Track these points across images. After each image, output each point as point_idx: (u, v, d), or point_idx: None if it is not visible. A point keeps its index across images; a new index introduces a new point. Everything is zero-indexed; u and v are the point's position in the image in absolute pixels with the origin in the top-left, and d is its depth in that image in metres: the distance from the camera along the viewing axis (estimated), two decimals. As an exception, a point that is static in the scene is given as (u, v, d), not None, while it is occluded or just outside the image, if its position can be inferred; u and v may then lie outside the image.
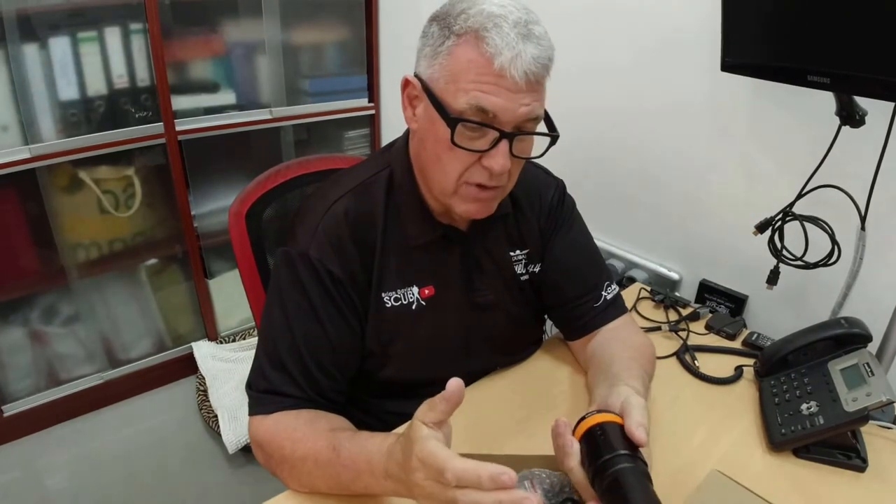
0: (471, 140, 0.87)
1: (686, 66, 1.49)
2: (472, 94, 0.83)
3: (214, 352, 2.35)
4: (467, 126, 0.85)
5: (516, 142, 0.87)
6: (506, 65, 0.81)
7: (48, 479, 1.96)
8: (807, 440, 0.98)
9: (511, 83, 0.82)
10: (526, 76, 0.82)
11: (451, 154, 0.88)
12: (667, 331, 1.35)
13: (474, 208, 0.94)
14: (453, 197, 0.93)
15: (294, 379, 0.94)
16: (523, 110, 0.84)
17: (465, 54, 0.83)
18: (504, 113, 0.84)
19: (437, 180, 0.93)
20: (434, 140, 0.90)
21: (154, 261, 2.29)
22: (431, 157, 0.92)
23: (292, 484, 0.89)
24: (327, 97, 2.41)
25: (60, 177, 1.96)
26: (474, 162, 0.89)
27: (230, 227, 1.25)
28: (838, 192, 1.21)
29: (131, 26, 1.93)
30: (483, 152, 0.87)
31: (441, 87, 0.87)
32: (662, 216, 1.67)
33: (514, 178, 0.95)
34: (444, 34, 0.86)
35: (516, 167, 0.93)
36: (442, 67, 0.86)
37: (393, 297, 1.01)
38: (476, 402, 1.11)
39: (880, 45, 0.97)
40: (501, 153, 0.86)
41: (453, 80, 0.85)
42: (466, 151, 0.87)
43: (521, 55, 0.81)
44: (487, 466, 0.62)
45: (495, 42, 0.81)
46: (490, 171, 0.87)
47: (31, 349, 2.10)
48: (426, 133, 0.92)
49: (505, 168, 0.87)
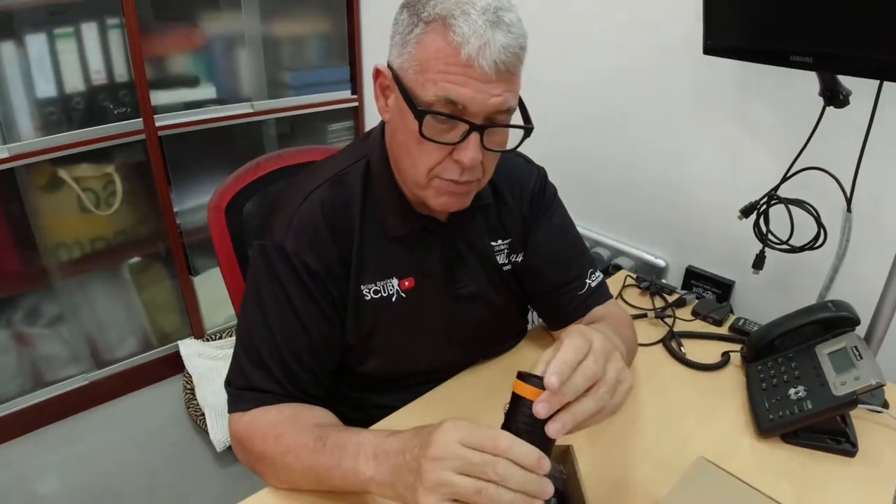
0: (441, 133, 0.84)
1: (668, 51, 1.48)
2: (440, 86, 0.80)
3: (201, 350, 2.34)
4: (436, 118, 0.82)
5: (488, 134, 0.84)
6: (473, 54, 0.78)
7: (36, 482, 1.94)
8: (795, 425, 0.97)
9: (480, 73, 0.79)
10: (496, 66, 0.79)
11: (421, 147, 0.86)
12: (653, 318, 1.34)
13: (449, 202, 0.91)
14: (426, 190, 0.91)
15: (272, 374, 0.92)
16: (494, 101, 0.81)
17: (433, 43, 0.81)
18: (473, 104, 0.81)
19: (409, 173, 0.91)
20: (404, 131, 0.88)
21: (137, 259, 2.27)
22: (402, 150, 0.90)
23: (271, 479, 0.88)
24: (309, 90, 2.39)
25: (40, 176, 1.94)
26: (445, 156, 0.86)
27: (210, 221, 1.23)
28: (823, 174, 1.20)
29: (108, 21, 1.90)
30: (453, 145, 0.84)
31: (410, 77, 0.84)
32: (647, 203, 1.66)
33: (489, 172, 0.93)
34: (412, 21, 0.83)
35: (490, 160, 0.90)
36: (411, 57, 0.83)
37: (372, 289, 1.00)
38: (460, 394, 1.10)
39: (863, 22, 0.96)
40: (472, 146, 0.83)
41: (422, 71, 0.82)
42: (436, 144, 0.84)
43: (490, 44, 0.78)
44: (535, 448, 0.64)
45: (462, 30, 0.78)
46: (461, 164, 0.85)
47: (15, 351, 2.08)
48: (397, 124, 0.90)
49: (475, 161, 0.84)
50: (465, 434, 0.66)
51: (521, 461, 0.63)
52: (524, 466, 0.63)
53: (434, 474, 0.65)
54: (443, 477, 0.64)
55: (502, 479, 0.62)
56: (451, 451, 0.65)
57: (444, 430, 0.67)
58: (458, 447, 0.65)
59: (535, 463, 0.63)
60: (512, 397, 0.68)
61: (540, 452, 0.64)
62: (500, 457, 0.63)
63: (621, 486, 0.91)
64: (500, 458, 0.63)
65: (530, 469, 0.63)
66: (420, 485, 0.66)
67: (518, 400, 0.67)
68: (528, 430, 0.66)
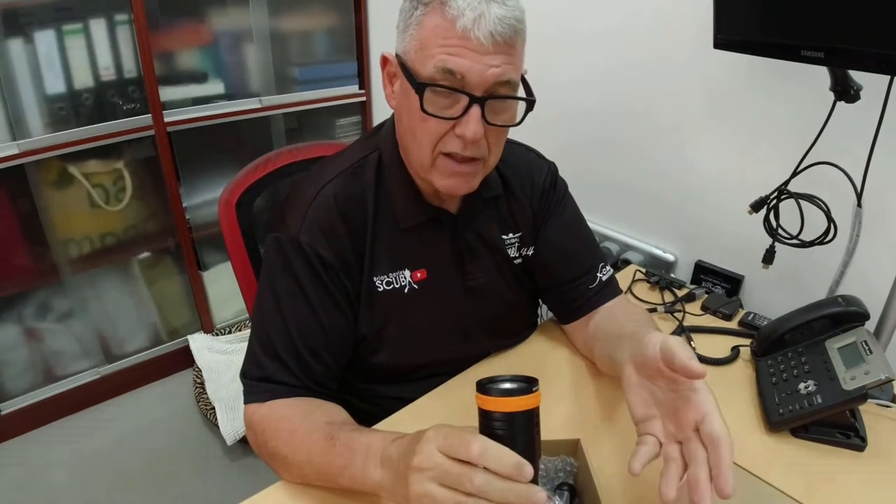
0: (442, 108, 0.85)
1: (678, 45, 1.48)
2: (438, 58, 0.82)
3: (210, 344, 2.35)
4: (437, 92, 0.84)
5: (489, 109, 0.85)
6: (469, 25, 0.79)
7: (48, 476, 1.96)
8: (805, 420, 0.97)
9: (476, 44, 0.80)
10: (492, 37, 0.80)
11: (424, 125, 0.87)
12: (663, 312, 1.34)
13: (454, 183, 0.91)
14: (431, 171, 0.91)
15: (287, 366, 0.93)
16: (492, 72, 0.82)
17: (431, 21, 0.83)
18: (471, 74, 0.82)
19: (415, 154, 0.92)
20: (409, 113, 0.89)
21: (147, 254, 2.28)
22: (408, 133, 0.91)
23: (283, 474, 0.89)
24: (317, 85, 2.40)
25: (49, 172, 1.95)
26: (447, 131, 0.87)
27: (220, 216, 1.23)
28: (834, 168, 1.20)
29: (116, 17, 1.91)
30: (455, 119, 0.85)
31: (412, 57, 0.86)
32: (657, 197, 1.66)
33: (495, 152, 0.93)
34: (413, 5, 0.85)
35: (494, 137, 0.90)
36: (412, 38, 0.86)
37: (385, 281, 1.00)
38: (470, 387, 1.09)
39: (875, 17, 0.95)
40: (473, 119, 0.84)
41: (422, 49, 0.84)
42: (438, 119, 0.85)
43: (485, 15, 0.80)
44: (513, 453, 0.61)
45: (458, 4, 0.80)
46: (463, 138, 0.85)
47: (26, 346, 2.09)
48: (402, 108, 0.91)
49: (477, 135, 0.84)
50: (441, 441, 0.65)
51: (498, 468, 0.61)
52: (501, 474, 0.61)
53: (418, 485, 0.65)
54: (426, 488, 0.64)
55: (480, 491, 0.61)
56: (431, 461, 0.64)
57: (425, 439, 0.66)
58: (438, 456, 0.64)
59: (513, 468, 0.61)
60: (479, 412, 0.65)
61: (517, 457, 0.60)
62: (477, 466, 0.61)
63: (633, 479, 0.91)
64: (477, 470, 0.61)
65: (509, 476, 0.61)
66: (408, 495, 0.66)
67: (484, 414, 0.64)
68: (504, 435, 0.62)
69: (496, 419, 0.63)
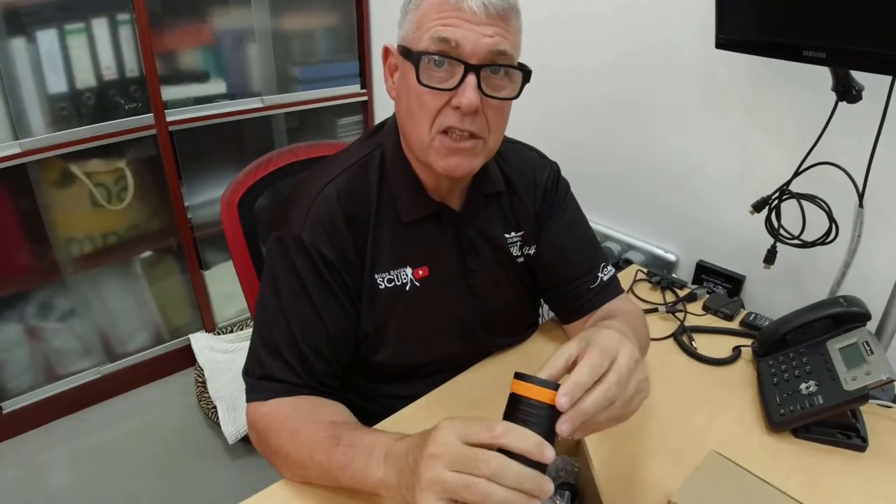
0: (438, 80, 0.86)
1: (680, 45, 1.48)
2: (433, 30, 0.84)
3: (212, 343, 2.35)
4: (432, 63, 0.85)
5: (487, 82, 0.86)
6: None
7: (49, 474, 1.96)
8: (806, 420, 0.98)
9: (470, 14, 0.82)
10: (485, 8, 0.82)
11: (422, 102, 0.87)
12: (664, 312, 1.35)
13: (453, 162, 0.91)
14: (430, 152, 0.91)
15: (290, 365, 0.93)
16: (486, 41, 0.83)
17: (428, 2, 0.85)
18: (466, 42, 0.83)
19: (414, 135, 0.92)
20: (407, 94, 0.90)
21: (148, 253, 2.28)
22: (407, 116, 0.92)
23: (285, 473, 0.89)
24: (319, 84, 2.40)
25: (51, 171, 1.95)
26: (444, 105, 0.87)
27: (222, 215, 1.24)
28: (835, 169, 1.20)
29: (118, 17, 1.91)
30: (452, 91, 0.86)
31: (410, 39, 0.88)
32: (658, 197, 1.66)
33: (495, 132, 0.93)
34: None
35: (494, 116, 0.90)
36: (410, 22, 0.88)
37: (386, 278, 1.00)
38: (472, 385, 1.10)
39: (877, 17, 0.95)
40: (469, 88, 0.84)
41: (419, 27, 0.86)
42: (435, 93, 0.86)
43: None
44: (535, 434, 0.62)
45: None
46: (460, 108, 0.86)
47: (27, 345, 2.10)
48: (401, 92, 0.93)
49: (473, 103, 0.84)
50: (461, 428, 0.65)
51: (520, 445, 0.61)
52: (523, 451, 0.61)
53: (430, 472, 0.64)
54: (437, 473, 0.63)
55: (494, 473, 0.60)
56: (446, 447, 0.64)
57: (441, 428, 0.66)
58: (455, 443, 0.64)
59: (535, 447, 0.61)
60: (510, 397, 0.66)
61: (539, 437, 0.61)
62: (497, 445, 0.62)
63: (634, 479, 0.91)
64: (494, 453, 0.61)
65: (530, 454, 0.61)
66: (417, 484, 0.66)
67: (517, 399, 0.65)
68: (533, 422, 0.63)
69: (532, 405, 0.64)
